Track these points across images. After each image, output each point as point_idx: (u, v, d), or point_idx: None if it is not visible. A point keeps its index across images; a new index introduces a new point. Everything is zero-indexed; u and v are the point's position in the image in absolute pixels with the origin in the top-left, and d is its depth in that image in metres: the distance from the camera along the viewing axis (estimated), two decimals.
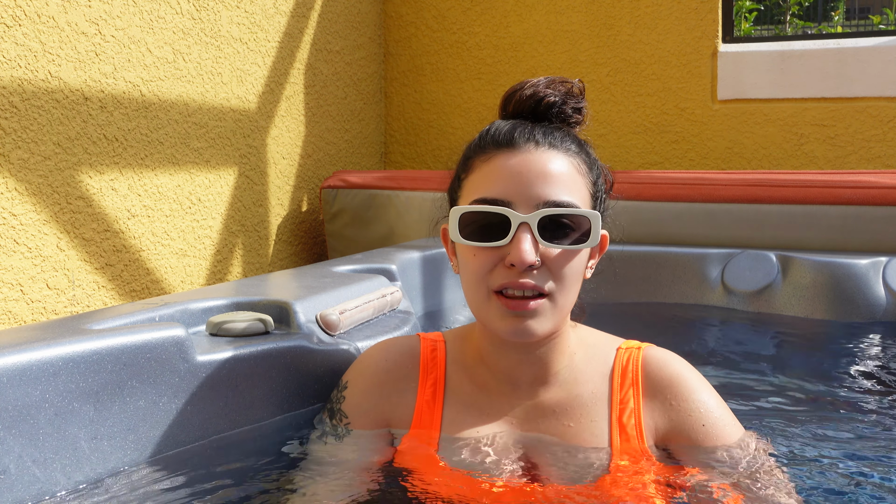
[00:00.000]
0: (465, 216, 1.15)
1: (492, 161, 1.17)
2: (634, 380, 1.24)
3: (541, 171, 1.15)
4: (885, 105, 3.26)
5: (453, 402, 1.27)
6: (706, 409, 1.22)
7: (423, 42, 3.90)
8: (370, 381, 1.31)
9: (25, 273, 2.14)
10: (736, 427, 1.24)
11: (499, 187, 1.14)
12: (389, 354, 1.32)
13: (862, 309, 2.43)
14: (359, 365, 1.35)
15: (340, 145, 3.61)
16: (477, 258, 1.14)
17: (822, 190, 2.65)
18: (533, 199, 1.13)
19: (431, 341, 1.33)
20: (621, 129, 3.62)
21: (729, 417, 1.24)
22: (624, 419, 1.22)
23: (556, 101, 1.22)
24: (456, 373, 1.28)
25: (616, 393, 1.23)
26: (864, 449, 1.47)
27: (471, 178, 1.20)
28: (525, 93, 1.22)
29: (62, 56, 2.22)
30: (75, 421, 1.19)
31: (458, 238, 1.15)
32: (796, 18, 10.25)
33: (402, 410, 1.28)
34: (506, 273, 1.13)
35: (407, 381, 1.29)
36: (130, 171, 2.47)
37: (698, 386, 1.24)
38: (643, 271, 2.71)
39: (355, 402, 1.31)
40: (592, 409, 1.23)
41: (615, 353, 1.27)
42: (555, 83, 1.23)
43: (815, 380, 1.98)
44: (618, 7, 3.59)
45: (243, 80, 2.95)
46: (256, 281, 1.94)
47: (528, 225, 1.12)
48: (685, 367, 1.26)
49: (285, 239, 3.25)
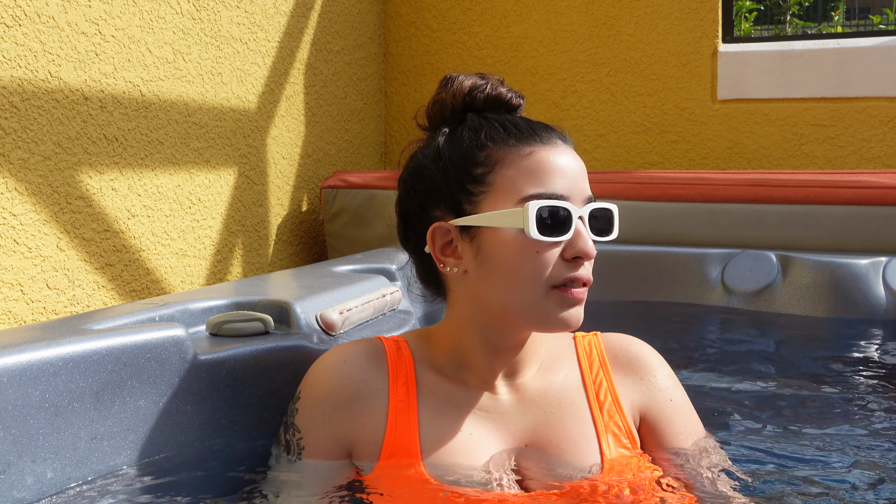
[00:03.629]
0: (541, 210, 1.12)
1: (533, 156, 1.16)
2: (602, 361, 1.28)
3: (580, 166, 1.18)
4: (885, 105, 3.26)
5: (429, 399, 1.22)
6: (671, 385, 1.29)
7: (423, 42, 3.90)
8: (327, 389, 1.22)
9: (25, 273, 2.14)
10: (695, 413, 1.31)
11: (557, 182, 1.15)
12: (350, 356, 1.24)
13: (862, 309, 2.43)
14: (314, 373, 1.25)
15: (340, 145, 3.61)
16: (540, 254, 1.13)
17: (822, 190, 2.65)
18: (581, 194, 1.17)
19: (394, 341, 1.27)
20: (621, 129, 3.62)
21: (688, 401, 1.31)
22: (601, 397, 1.25)
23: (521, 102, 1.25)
24: (426, 371, 1.24)
25: (587, 374, 1.27)
26: (865, 448, 1.47)
27: (505, 172, 1.16)
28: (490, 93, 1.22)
29: (62, 56, 2.23)
30: (75, 421, 1.19)
31: (537, 234, 1.12)
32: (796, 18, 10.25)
33: (371, 417, 1.20)
34: (568, 266, 1.14)
35: (374, 383, 1.22)
36: (130, 171, 2.47)
37: (662, 363, 1.31)
38: (643, 271, 2.71)
39: (308, 415, 1.22)
40: (570, 393, 1.24)
41: (573, 341, 1.31)
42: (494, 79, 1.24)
43: (816, 379, 1.98)
44: (618, 7, 3.59)
45: (243, 80, 2.95)
46: (256, 281, 1.94)
47: (582, 219, 1.15)
48: (647, 347, 1.32)
49: (285, 239, 3.25)
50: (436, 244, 1.20)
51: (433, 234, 1.20)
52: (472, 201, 1.17)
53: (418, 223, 1.23)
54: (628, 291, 2.70)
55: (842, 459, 1.41)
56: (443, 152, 1.20)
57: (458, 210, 1.18)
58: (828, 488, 1.25)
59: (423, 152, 1.23)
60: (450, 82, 1.23)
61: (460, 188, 1.18)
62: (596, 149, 3.64)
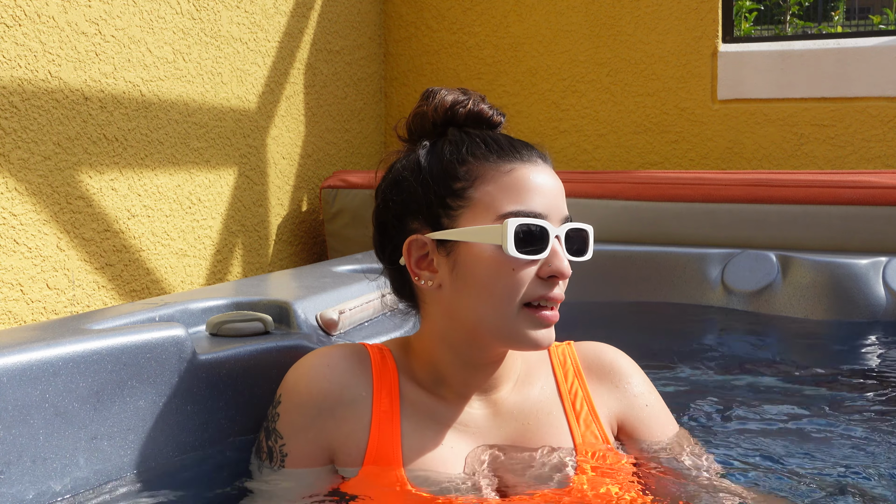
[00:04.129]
0: (519, 227, 1.12)
1: (514, 173, 1.16)
2: (576, 371, 1.29)
3: (558, 186, 1.19)
4: (885, 105, 3.26)
5: (411, 412, 1.21)
6: (646, 391, 1.30)
7: (423, 42, 3.90)
8: (309, 394, 1.20)
9: (25, 273, 2.14)
10: (670, 414, 1.33)
11: (536, 200, 1.15)
12: (333, 361, 1.22)
13: (862, 309, 2.43)
14: (295, 376, 1.22)
15: (340, 145, 3.61)
16: (516, 272, 1.13)
17: (822, 190, 2.65)
18: (559, 213, 1.17)
19: (378, 349, 1.26)
20: (621, 129, 3.62)
21: (663, 403, 1.32)
22: (577, 407, 1.26)
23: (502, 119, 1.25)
24: (408, 382, 1.23)
25: (563, 385, 1.27)
26: (865, 448, 1.47)
27: (484, 188, 1.15)
28: (472, 108, 1.22)
29: (62, 56, 2.23)
30: (75, 421, 1.19)
31: (514, 252, 1.12)
32: (796, 18, 10.25)
33: (354, 426, 1.19)
34: (541, 284, 1.14)
35: (357, 390, 1.20)
36: (130, 171, 2.47)
37: (636, 369, 1.32)
38: (643, 271, 2.71)
39: (290, 420, 1.20)
40: (547, 405, 1.25)
41: (548, 353, 1.30)
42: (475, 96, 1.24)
43: (815, 380, 1.98)
44: (618, 7, 3.59)
45: (243, 80, 2.95)
46: (256, 281, 1.94)
47: (560, 238, 1.15)
48: (620, 354, 1.33)
49: (285, 239, 3.25)
50: (412, 257, 1.19)
51: (409, 247, 1.19)
52: (451, 215, 1.16)
53: (395, 234, 1.22)
54: (628, 291, 2.70)
55: (841, 459, 1.41)
56: (423, 165, 1.19)
57: (435, 223, 1.17)
58: (825, 487, 1.25)
59: (402, 164, 1.22)
60: (431, 96, 1.22)
61: (439, 202, 1.17)
62: (596, 149, 3.64)
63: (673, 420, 1.32)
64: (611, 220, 2.82)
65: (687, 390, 1.85)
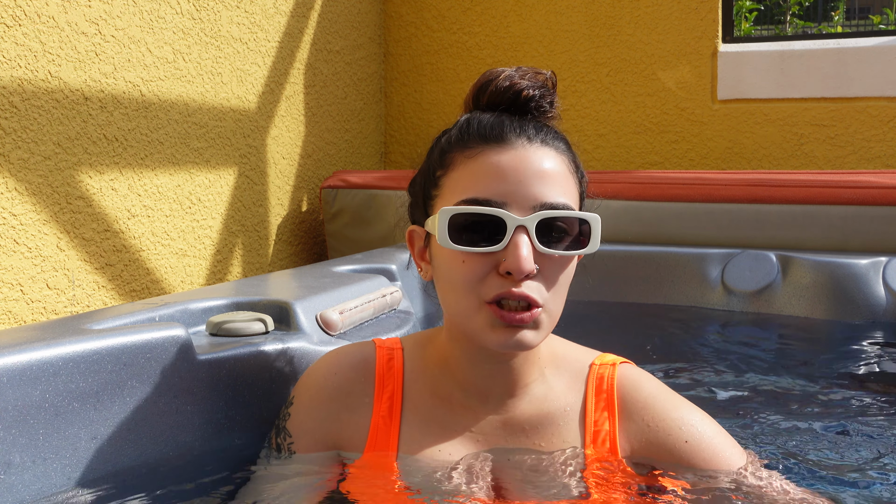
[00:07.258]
0: (455, 218, 1.03)
1: (479, 157, 1.05)
2: (609, 401, 1.15)
3: (536, 169, 1.04)
4: (885, 105, 3.26)
5: (412, 417, 1.16)
6: (688, 425, 1.13)
7: (423, 42, 3.90)
8: (317, 397, 1.20)
9: (25, 273, 2.14)
10: (732, 448, 1.14)
11: (492, 186, 1.03)
12: (340, 367, 1.21)
13: (862, 309, 2.43)
14: (307, 379, 1.24)
15: (340, 145, 3.61)
16: (466, 265, 1.03)
17: (822, 190, 2.65)
18: (529, 201, 1.03)
19: (388, 349, 1.22)
20: (621, 129, 3.62)
21: (721, 437, 1.15)
22: (598, 441, 1.13)
23: (535, 94, 1.10)
24: (415, 384, 1.18)
25: (590, 414, 1.14)
26: (865, 448, 1.47)
27: (452, 175, 1.07)
28: (501, 84, 1.10)
29: (62, 56, 2.22)
30: (75, 421, 1.19)
31: (447, 242, 1.02)
32: (796, 18, 10.25)
33: (355, 429, 1.18)
34: (500, 282, 1.02)
35: (360, 395, 1.18)
36: (130, 171, 2.47)
37: (677, 404, 1.16)
38: (643, 271, 2.71)
39: (299, 421, 1.21)
40: (564, 430, 1.14)
41: (588, 370, 1.17)
42: (529, 74, 1.12)
43: (816, 380, 1.98)
44: (618, 7, 3.59)
45: (243, 80, 2.95)
46: (256, 281, 1.94)
47: (525, 228, 1.01)
48: (661, 388, 1.18)
49: (285, 239, 3.25)
50: (414, 248, 1.17)
51: (410, 238, 1.17)
52: (430, 204, 1.12)
53: (414, 222, 1.20)
54: (628, 291, 2.70)
55: (841, 459, 1.41)
56: (430, 151, 1.15)
57: (426, 213, 1.13)
58: (828, 488, 1.25)
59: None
60: (485, 75, 1.13)
61: (425, 191, 1.13)
62: (596, 149, 3.64)
63: (732, 453, 1.13)
64: (611, 220, 2.82)
65: (687, 390, 1.84)
